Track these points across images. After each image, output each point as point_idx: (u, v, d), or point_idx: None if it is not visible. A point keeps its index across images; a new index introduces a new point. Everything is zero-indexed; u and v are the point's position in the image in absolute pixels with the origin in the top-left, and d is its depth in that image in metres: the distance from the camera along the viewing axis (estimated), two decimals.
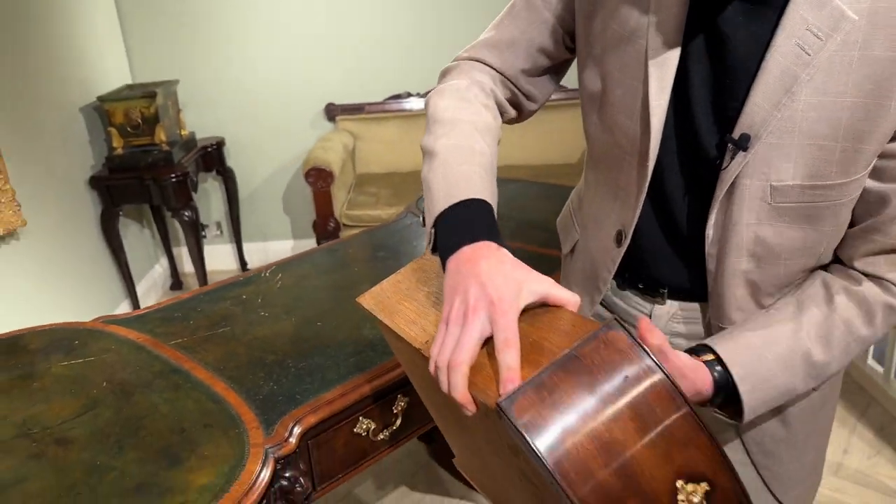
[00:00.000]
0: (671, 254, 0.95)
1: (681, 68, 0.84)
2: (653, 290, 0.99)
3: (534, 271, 0.71)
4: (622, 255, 0.97)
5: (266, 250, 4.11)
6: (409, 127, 3.75)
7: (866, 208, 0.84)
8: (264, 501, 1.15)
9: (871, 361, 2.71)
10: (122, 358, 1.47)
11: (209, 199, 4.01)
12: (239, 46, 3.72)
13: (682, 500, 0.55)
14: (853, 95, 0.75)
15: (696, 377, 0.81)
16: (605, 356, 0.58)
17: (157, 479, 1.11)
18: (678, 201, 0.91)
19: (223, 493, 1.07)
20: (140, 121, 3.22)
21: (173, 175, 3.20)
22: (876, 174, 0.81)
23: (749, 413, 0.84)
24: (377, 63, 3.79)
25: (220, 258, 4.04)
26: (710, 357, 0.84)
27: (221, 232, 4.09)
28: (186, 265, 3.99)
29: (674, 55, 0.82)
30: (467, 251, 0.73)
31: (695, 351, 0.86)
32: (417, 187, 2.61)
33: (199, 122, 3.79)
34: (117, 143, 3.24)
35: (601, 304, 1.08)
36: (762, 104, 0.78)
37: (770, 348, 0.84)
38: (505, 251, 0.73)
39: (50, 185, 2.91)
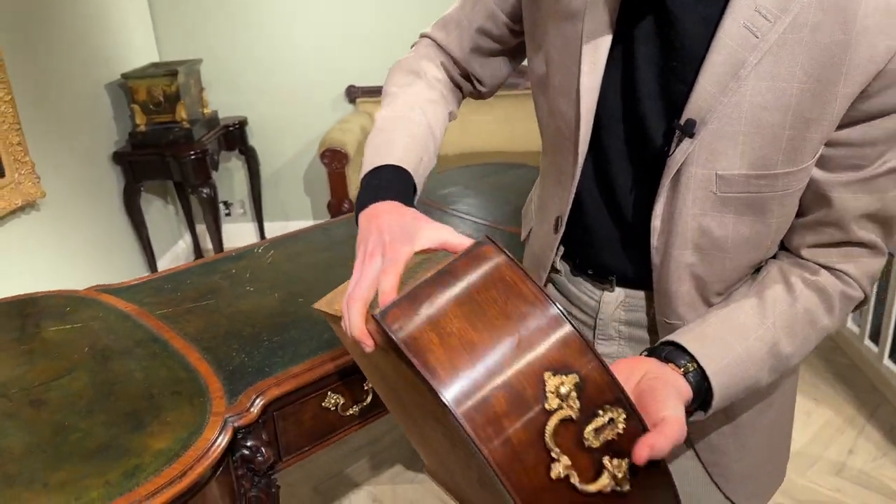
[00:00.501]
0: (619, 243, 0.94)
1: (628, 51, 0.83)
2: (602, 277, 0.99)
3: (434, 222, 0.74)
4: (559, 241, 0.97)
5: (287, 229, 4.12)
6: None
7: (813, 199, 0.82)
8: (222, 468, 1.18)
9: (886, 361, 2.64)
10: (108, 326, 1.51)
11: (232, 177, 4.08)
12: (264, 28, 3.76)
13: (551, 392, 0.57)
14: (801, 80, 0.73)
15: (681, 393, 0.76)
16: (472, 264, 0.62)
17: (119, 441, 1.15)
18: (625, 190, 0.90)
19: (177, 457, 1.10)
20: (162, 98, 3.29)
21: (192, 152, 3.26)
22: (822, 163, 0.78)
23: (716, 409, 0.80)
24: (399, 46, 3.78)
25: (242, 236, 4.10)
26: (688, 365, 0.79)
27: (245, 210, 4.16)
28: (209, 241, 4.06)
29: (608, 37, 0.81)
30: (373, 208, 0.78)
31: (666, 354, 0.80)
32: (456, 169, 2.65)
33: (223, 101, 3.85)
34: (140, 119, 3.32)
35: (556, 288, 1.08)
36: (709, 89, 0.76)
37: (740, 342, 0.81)
38: (410, 209, 0.78)
39: (72, 158, 2.99)
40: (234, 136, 3.76)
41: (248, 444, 1.24)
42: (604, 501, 0.58)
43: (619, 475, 0.58)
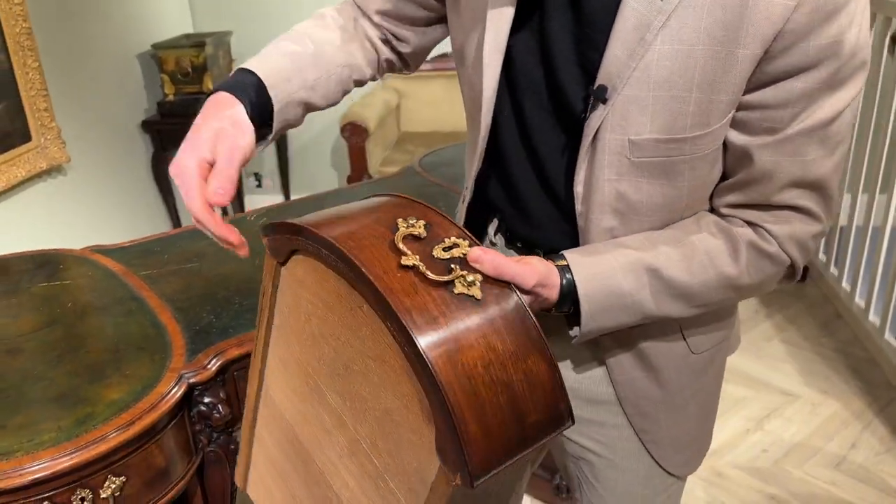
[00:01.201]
0: (547, 213, 0.95)
1: (544, 21, 0.84)
2: (529, 251, 0.99)
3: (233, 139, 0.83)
4: (464, 212, 1.00)
5: None
6: (453, 86, 3.75)
7: (734, 162, 0.82)
8: (176, 422, 1.23)
9: None
10: (94, 283, 1.58)
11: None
12: (294, 1, 3.80)
13: (402, 225, 0.69)
14: (705, 43, 0.73)
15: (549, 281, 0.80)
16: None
17: (78, 391, 1.21)
18: (550, 158, 0.91)
19: (127, 408, 1.16)
20: (190, 69, 3.37)
21: None
22: (738, 127, 0.79)
23: (587, 318, 0.82)
24: None
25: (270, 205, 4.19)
26: (563, 262, 0.83)
27: (273, 183, 4.24)
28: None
29: (510, 8, 0.82)
30: (212, 97, 0.88)
31: (551, 257, 0.85)
32: (457, 146, 2.66)
33: None
34: (169, 89, 3.41)
35: None
36: (619, 54, 0.77)
37: (617, 258, 0.83)
38: (233, 110, 0.86)
39: (100, 125, 3.10)
40: None
41: (206, 400, 1.28)
42: (458, 304, 0.64)
43: (469, 279, 0.66)
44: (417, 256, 0.66)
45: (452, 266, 0.67)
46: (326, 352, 0.76)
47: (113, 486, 1.12)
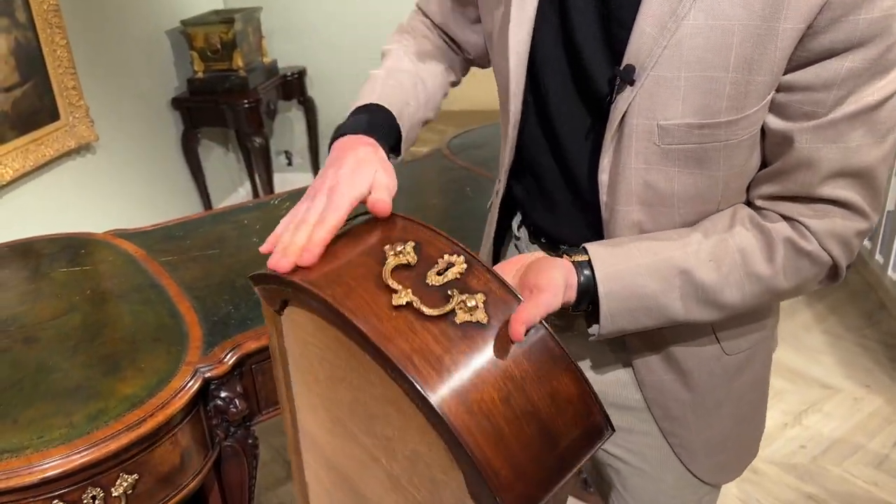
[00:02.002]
0: (570, 204, 0.90)
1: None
2: (553, 246, 0.94)
3: (373, 167, 0.73)
4: (498, 205, 0.94)
5: None
6: None
7: (773, 150, 0.76)
8: (191, 417, 1.20)
9: None
10: (114, 269, 1.56)
11: (292, 127, 4.12)
12: None
13: (389, 253, 0.63)
14: (742, 18, 0.67)
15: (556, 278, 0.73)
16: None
17: (92, 383, 1.18)
18: (573, 147, 0.85)
19: (140, 404, 1.13)
20: (219, 46, 3.33)
21: (246, 101, 3.30)
22: (778, 111, 0.72)
23: (606, 320, 0.77)
24: None
25: (300, 185, 4.16)
26: (582, 257, 0.78)
27: (304, 161, 4.21)
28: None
29: None
30: (339, 141, 0.79)
31: (568, 252, 0.80)
32: (487, 126, 2.59)
33: (283, 50, 3.86)
34: (198, 66, 3.37)
35: (519, 253, 1.04)
36: (648, 30, 0.71)
37: (646, 255, 0.77)
38: (371, 148, 0.77)
39: (129, 103, 3.08)
40: (293, 86, 3.78)
41: (222, 394, 1.25)
42: (463, 335, 0.58)
43: (471, 304, 0.59)
44: (409, 290, 0.59)
45: (450, 292, 0.60)
46: (343, 394, 0.71)
47: (125, 484, 1.10)
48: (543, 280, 0.69)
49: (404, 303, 0.58)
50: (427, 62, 1.00)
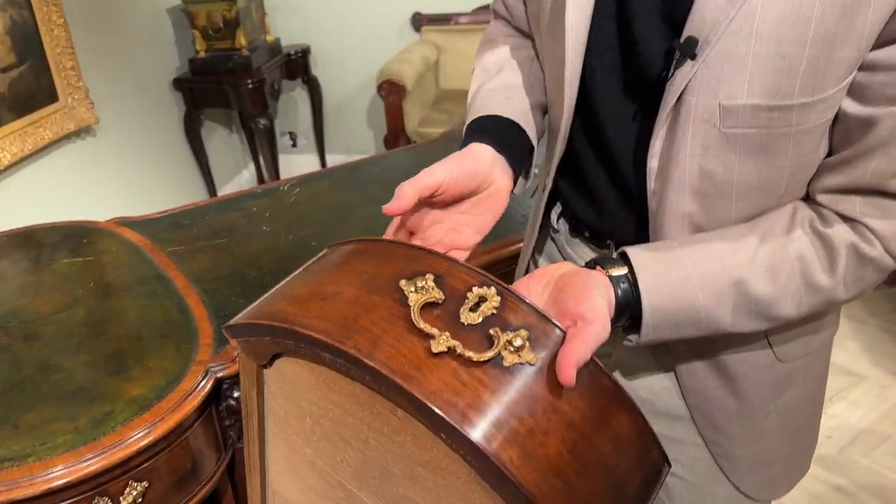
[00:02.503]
0: (615, 197, 0.82)
1: None
2: (599, 241, 0.86)
3: (434, 166, 0.70)
4: (544, 201, 0.87)
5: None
6: None
7: (845, 136, 0.67)
8: (204, 418, 1.13)
9: None
10: (118, 259, 1.48)
11: (297, 107, 4.02)
12: None
13: (409, 291, 0.55)
14: None
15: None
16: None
17: (97, 384, 1.11)
18: (619, 130, 0.77)
19: (149, 407, 1.06)
20: (221, 24, 3.23)
21: (250, 81, 3.21)
22: (858, 94, 0.63)
23: (646, 331, 0.69)
24: None
25: (304, 168, 4.07)
26: (619, 271, 0.69)
27: (308, 142, 4.12)
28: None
29: None
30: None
31: (606, 261, 0.71)
32: None
33: (286, 27, 3.76)
34: (200, 46, 3.28)
35: (557, 249, 0.96)
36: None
37: (697, 264, 0.69)
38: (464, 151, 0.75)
39: (130, 84, 2.99)
40: (297, 65, 3.68)
41: (235, 395, 1.18)
42: (515, 381, 0.51)
43: (517, 344, 0.51)
44: (447, 334, 0.51)
45: (492, 332, 0.52)
46: (351, 455, 0.62)
47: (134, 492, 1.03)
48: (588, 311, 0.59)
49: (445, 349, 0.50)
50: (517, 61, 0.92)
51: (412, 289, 0.54)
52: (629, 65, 0.73)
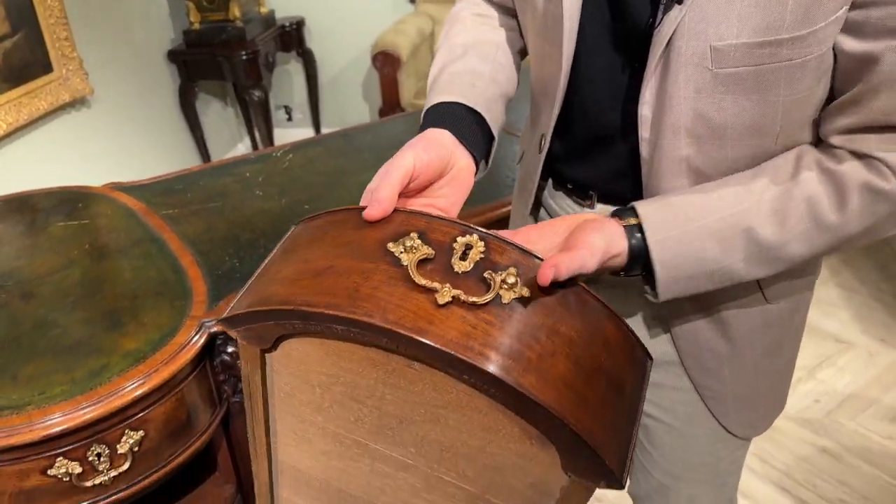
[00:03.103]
0: (600, 150, 0.83)
1: None
2: (581, 192, 0.88)
3: (402, 151, 0.69)
4: (542, 161, 0.88)
5: None
6: None
7: (849, 76, 0.67)
8: (198, 372, 1.16)
9: None
10: (113, 223, 1.50)
11: (291, 81, 4.02)
12: None
13: (398, 252, 0.58)
14: None
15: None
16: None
17: (93, 339, 1.14)
18: (607, 86, 0.78)
19: (144, 359, 1.08)
20: None
21: (244, 53, 3.20)
22: (854, 31, 0.64)
23: (664, 287, 0.72)
24: None
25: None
26: (632, 221, 0.72)
27: (304, 115, 4.12)
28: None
29: None
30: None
31: (620, 213, 0.74)
32: None
33: None
34: (194, 17, 3.27)
35: (542, 205, 0.98)
36: None
37: (704, 215, 0.71)
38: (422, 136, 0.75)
39: (125, 55, 2.99)
40: (291, 38, 3.67)
41: (229, 350, 1.21)
42: (516, 314, 0.55)
43: (510, 281, 0.56)
44: (448, 285, 0.55)
45: (486, 275, 0.57)
46: (366, 413, 0.66)
47: (131, 440, 1.06)
48: (580, 241, 0.64)
49: (450, 299, 0.54)
50: (485, 41, 0.92)
51: (401, 249, 0.58)
52: (617, 17, 0.74)
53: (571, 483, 0.57)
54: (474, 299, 0.54)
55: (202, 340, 1.14)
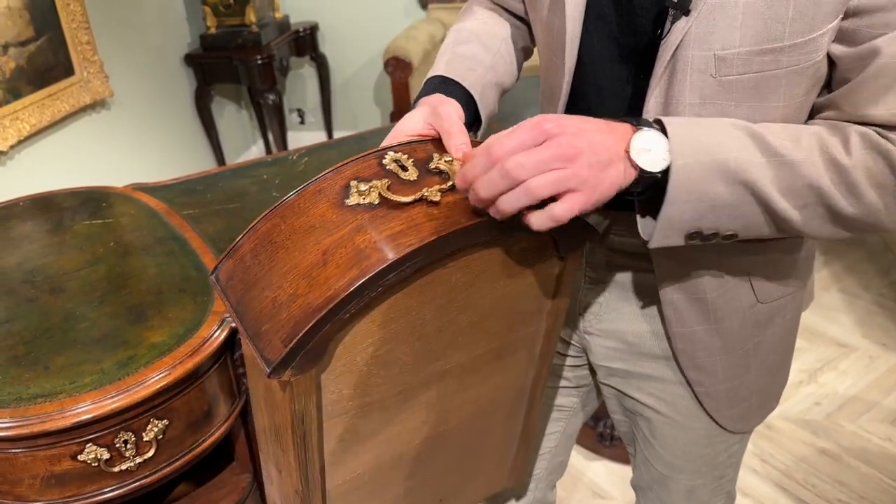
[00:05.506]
0: None
1: None
2: None
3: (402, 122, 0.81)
4: None
5: None
6: None
7: (845, 76, 0.71)
8: (218, 365, 1.21)
9: None
10: (136, 222, 1.56)
11: (305, 85, 4.08)
12: None
13: (354, 193, 0.67)
14: None
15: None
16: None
17: (120, 332, 1.19)
18: (612, 92, 0.83)
19: (169, 351, 1.14)
20: (231, 1, 3.29)
21: (259, 57, 3.27)
22: (846, 39, 0.69)
23: (677, 191, 0.67)
24: None
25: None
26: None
27: (316, 119, 4.18)
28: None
29: None
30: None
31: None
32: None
33: (295, 4, 3.82)
34: (211, 22, 3.34)
35: None
36: None
37: (718, 122, 0.71)
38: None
39: (143, 58, 3.06)
40: (305, 42, 3.74)
41: None
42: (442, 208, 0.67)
43: (448, 159, 0.71)
44: (425, 187, 0.67)
45: (430, 167, 0.71)
46: (406, 353, 0.74)
47: (156, 429, 1.12)
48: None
49: (439, 193, 0.67)
50: (491, 30, 0.99)
51: (358, 195, 0.67)
52: (625, 29, 0.78)
53: (564, 266, 0.77)
54: (448, 185, 0.67)
55: (223, 335, 1.20)
